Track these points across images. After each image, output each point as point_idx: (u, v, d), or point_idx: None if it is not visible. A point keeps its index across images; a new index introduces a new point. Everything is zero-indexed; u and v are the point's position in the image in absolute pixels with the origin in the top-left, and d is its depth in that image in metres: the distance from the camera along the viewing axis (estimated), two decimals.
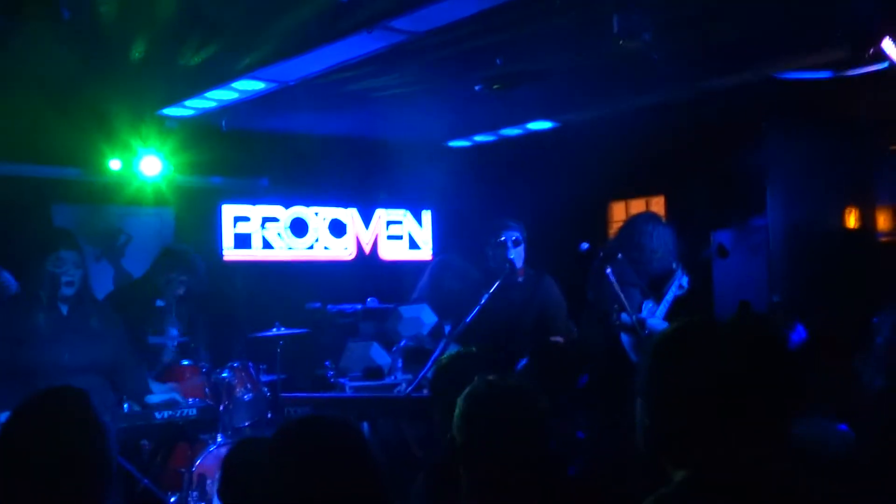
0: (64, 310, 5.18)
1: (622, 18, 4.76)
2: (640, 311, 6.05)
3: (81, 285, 5.22)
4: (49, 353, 5.00)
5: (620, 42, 4.87)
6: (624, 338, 6.07)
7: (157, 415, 5.27)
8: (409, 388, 5.20)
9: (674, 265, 6.49)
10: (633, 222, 6.64)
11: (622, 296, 5.65)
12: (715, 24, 5.63)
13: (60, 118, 7.45)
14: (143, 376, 5.66)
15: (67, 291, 5.13)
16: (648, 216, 6.89)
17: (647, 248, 6.27)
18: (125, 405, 5.38)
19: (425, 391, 5.33)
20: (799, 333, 4.68)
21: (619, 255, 6.05)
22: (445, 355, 4.56)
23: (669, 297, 6.31)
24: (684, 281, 6.41)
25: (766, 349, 2.02)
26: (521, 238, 5.71)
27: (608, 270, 5.62)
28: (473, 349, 4.37)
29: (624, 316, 5.90)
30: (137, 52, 6.04)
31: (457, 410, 2.86)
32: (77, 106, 7.25)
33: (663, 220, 6.93)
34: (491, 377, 2.95)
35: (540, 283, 5.58)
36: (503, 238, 5.65)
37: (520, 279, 5.82)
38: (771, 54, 6.47)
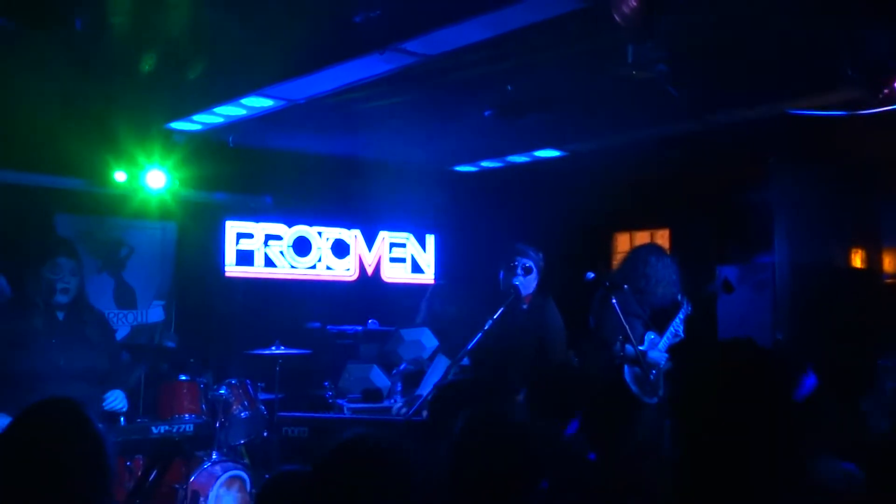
0: (60, 316, 5.17)
1: (637, 48, 4.75)
2: (642, 342, 6.03)
3: (77, 293, 5.22)
4: (44, 359, 4.98)
5: (634, 72, 4.87)
6: (626, 369, 6.04)
7: (154, 429, 5.21)
8: (410, 412, 5.15)
9: (679, 298, 6.47)
10: (637, 253, 6.64)
11: (627, 327, 5.61)
12: (729, 59, 5.62)
13: (67, 128, 7.45)
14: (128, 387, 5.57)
15: (63, 298, 5.13)
16: (652, 247, 6.88)
17: (651, 278, 6.26)
18: (121, 419, 5.32)
19: (425, 414, 5.30)
20: (811, 378, 4.65)
21: (626, 287, 6.02)
22: (445, 382, 4.52)
23: (672, 330, 6.29)
24: (681, 325, 6.38)
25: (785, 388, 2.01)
26: (533, 267, 5.68)
27: (613, 301, 5.58)
28: (470, 376, 4.33)
29: (628, 347, 5.87)
30: (147, 65, 6.03)
31: (451, 440, 2.82)
32: (84, 116, 7.24)
33: (667, 251, 6.92)
34: (484, 411, 2.90)
35: (542, 310, 5.54)
36: (514, 263, 5.62)
37: (524, 306, 5.77)
38: (784, 91, 6.46)
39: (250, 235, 9.01)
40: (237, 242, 8.94)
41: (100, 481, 2.45)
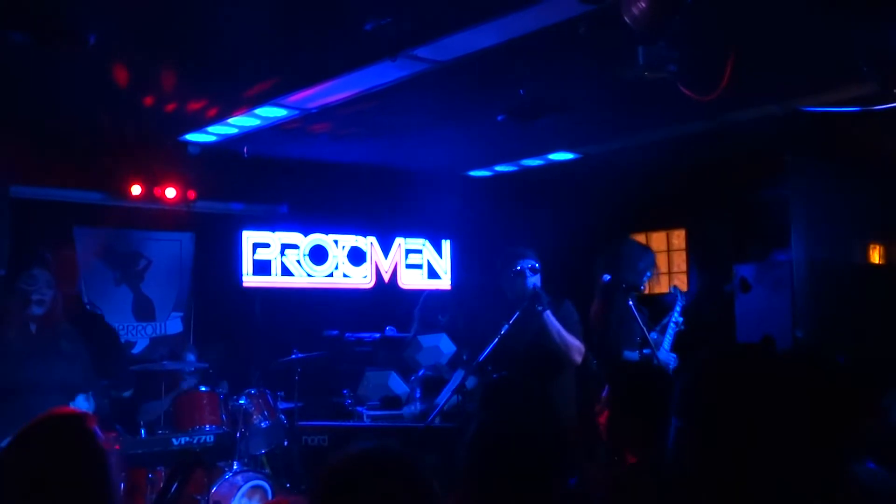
0: (32, 328, 5.17)
1: (648, 49, 4.75)
2: (644, 345, 5.97)
3: (52, 306, 5.20)
4: (16, 371, 4.99)
5: (646, 73, 4.86)
6: None
7: (175, 441, 5.23)
8: (430, 418, 5.13)
9: (672, 290, 6.45)
10: (618, 251, 6.57)
11: (645, 329, 5.60)
12: (742, 56, 5.60)
13: (84, 142, 7.51)
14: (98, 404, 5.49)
15: (37, 310, 5.12)
16: (626, 242, 6.86)
17: (622, 257, 6.24)
18: (142, 431, 5.35)
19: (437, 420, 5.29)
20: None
21: (642, 288, 6.01)
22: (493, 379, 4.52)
23: (672, 327, 6.25)
24: (679, 318, 6.34)
25: (825, 384, 1.99)
26: (537, 265, 5.63)
27: (630, 303, 5.57)
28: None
29: (626, 353, 5.86)
30: (162, 76, 6.07)
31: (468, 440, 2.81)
32: (100, 129, 7.29)
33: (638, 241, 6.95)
34: (509, 411, 2.89)
35: (558, 309, 5.49)
36: (519, 267, 5.58)
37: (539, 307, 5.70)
38: (798, 88, 6.44)
39: (267, 245, 9.04)
40: (254, 252, 8.97)
41: (105, 497, 2.43)
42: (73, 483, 2.39)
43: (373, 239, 9.71)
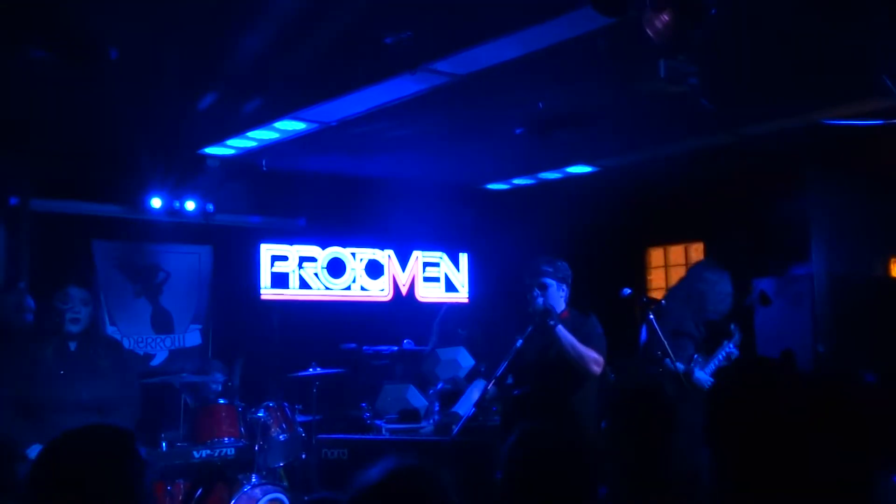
0: (72, 346, 5.18)
1: (669, 62, 4.74)
2: (690, 362, 5.93)
3: (88, 322, 5.23)
4: (53, 389, 4.99)
5: (667, 87, 4.85)
6: (666, 387, 5.96)
7: (196, 454, 5.24)
8: (455, 431, 5.11)
9: (732, 327, 6.34)
10: (693, 270, 6.55)
11: (665, 342, 5.55)
12: (762, 70, 5.60)
13: (104, 155, 7.55)
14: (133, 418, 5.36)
15: (73, 328, 5.14)
16: (707, 262, 6.79)
17: (705, 294, 6.17)
18: (162, 444, 5.35)
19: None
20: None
21: (663, 302, 5.97)
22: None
23: (721, 355, 6.16)
24: (734, 350, 6.27)
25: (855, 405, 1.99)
26: (548, 281, 5.51)
27: (651, 316, 5.54)
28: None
29: (667, 362, 5.80)
30: (181, 91, 6.10)
31: (503, 458, 2.81)
32: (120, 143, 7.33)
33: (722, 266, 6.83)
34: (536, 427, 2.88)
35: (581, 324, 5.44)
36: (528, 283, 5.54)
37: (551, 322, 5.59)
38: (819, 101, 6.42)
39: (285, 258, 9.05)
40: (272, 265, 8.99)
41: None
42: (108, 492, 2.40)
43: (390, 252, 9.72)
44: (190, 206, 8.20)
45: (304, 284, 9.13)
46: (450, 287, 10.05)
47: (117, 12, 4.74)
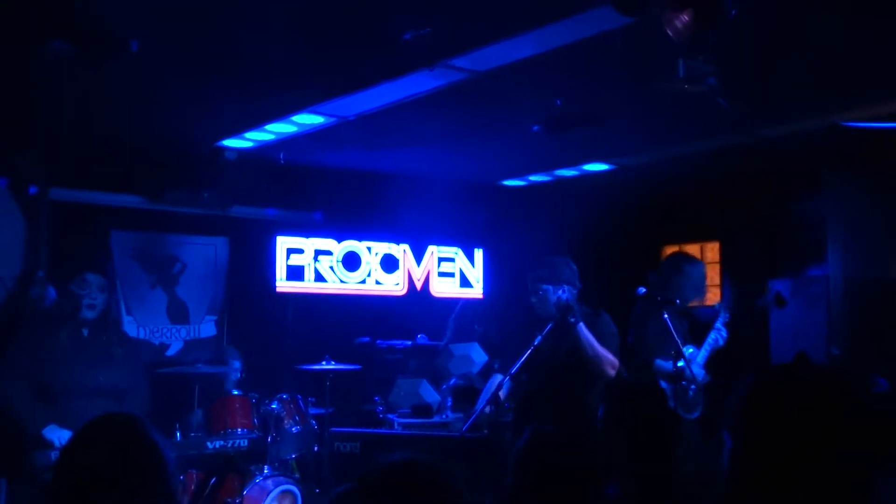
0: (85, 332, 5.24)
1: (688, 62, 4.74)
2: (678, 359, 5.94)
3: (104, 309, 5.28)
4: (71, 374, 5.07)
5: (686, 86, 4.85)
6: (664, 385, 5.98)
7: (209, 444, 5.27)
8: (464, 427, 5.13)
9: (717, 307, 6.41)
10: (667, 262, 6.56)
11: (679, 342, 5.57)
12: (780, 70, 5.58)
13: (122, 146, 7.59)
14: (143, 407, 5.40)
15: (88, 314, 5.19)
16: (680, 255, 6.83)
17: (684, 286, 6.20)
18: (177, 434, 5.38)
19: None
20: (883, 387, 4.57)
21: (678, 301, 5.98)
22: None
23: (710, 342, 6.22)
24: (724, 331, 6.30)
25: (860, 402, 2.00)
26: (545, 288, 5.45)
27: (665, 316, 5.55)
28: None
29: (658, 362, 5.84)
30: (200, 84, 6.12)
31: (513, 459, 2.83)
32: (139, 134, 7.38)
33: (694, 256, 6.90)
34: (546, 428, 2.90)
35: (593, 322, 5.44)
36: (530, 286, 5.54)
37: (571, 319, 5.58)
38: (836, 102, 6.40)
39: (300, 251, 9.08)
40: (288, 258, 9.02)
41: (163, 499, 2.47)
42: (132, 484, 2.43)
43: (406, 246, 9.73)
44: (207, 197, 8.23)
45: (319, 277, 9.15)
46: (464, 282, 10.06)
47: (137, 3, 4.77)
